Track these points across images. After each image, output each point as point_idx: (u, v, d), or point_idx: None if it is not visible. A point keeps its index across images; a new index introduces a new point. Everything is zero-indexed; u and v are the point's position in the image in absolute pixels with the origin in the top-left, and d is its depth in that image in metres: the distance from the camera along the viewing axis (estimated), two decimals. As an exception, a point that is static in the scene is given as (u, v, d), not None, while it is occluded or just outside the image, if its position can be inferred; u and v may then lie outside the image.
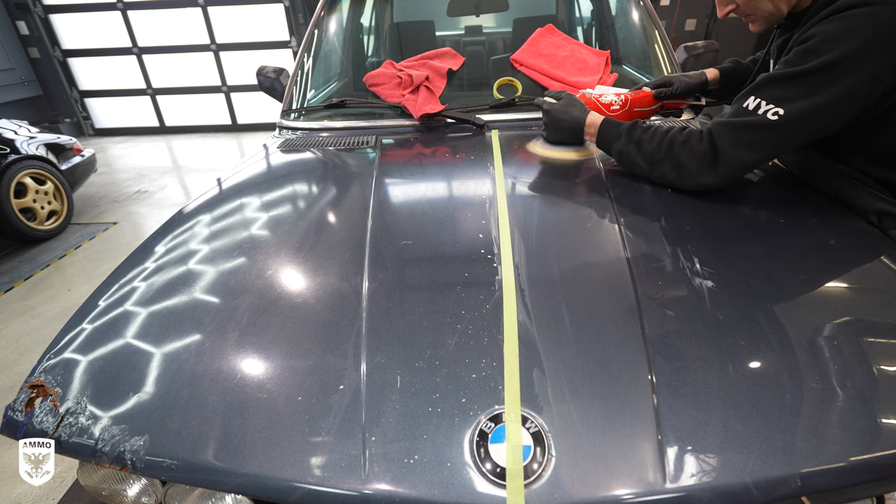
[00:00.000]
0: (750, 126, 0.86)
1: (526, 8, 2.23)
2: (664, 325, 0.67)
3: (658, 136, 0.97)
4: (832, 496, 0.56)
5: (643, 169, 1.00)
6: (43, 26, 5.90)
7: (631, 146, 1.00)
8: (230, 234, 0.97)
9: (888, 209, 0.89)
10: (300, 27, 5.81)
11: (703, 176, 0.92)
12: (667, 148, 0.95)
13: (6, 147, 3.19)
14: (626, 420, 0.56)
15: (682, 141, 0.94)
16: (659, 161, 0.96)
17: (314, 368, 0.65)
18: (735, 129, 0.88)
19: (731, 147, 0.88)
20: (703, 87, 1.25)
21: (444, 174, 1.18)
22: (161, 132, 6.55)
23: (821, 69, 0.79)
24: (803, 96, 0.81)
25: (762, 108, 0.84)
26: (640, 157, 0.99)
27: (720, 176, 0.91)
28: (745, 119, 0.87)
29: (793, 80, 0.82)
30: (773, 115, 0.83)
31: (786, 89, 0.83)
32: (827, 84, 0.79)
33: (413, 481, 0.53)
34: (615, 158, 1.06)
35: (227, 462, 0.56)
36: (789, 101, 0.82)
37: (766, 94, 0.85)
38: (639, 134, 1.00)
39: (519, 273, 0.77)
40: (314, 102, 1.68)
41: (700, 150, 0.91)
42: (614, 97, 1.19)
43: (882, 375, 0.59)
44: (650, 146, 0.97)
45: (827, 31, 0.80)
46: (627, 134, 1.01)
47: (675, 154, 0.94)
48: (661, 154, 0.96)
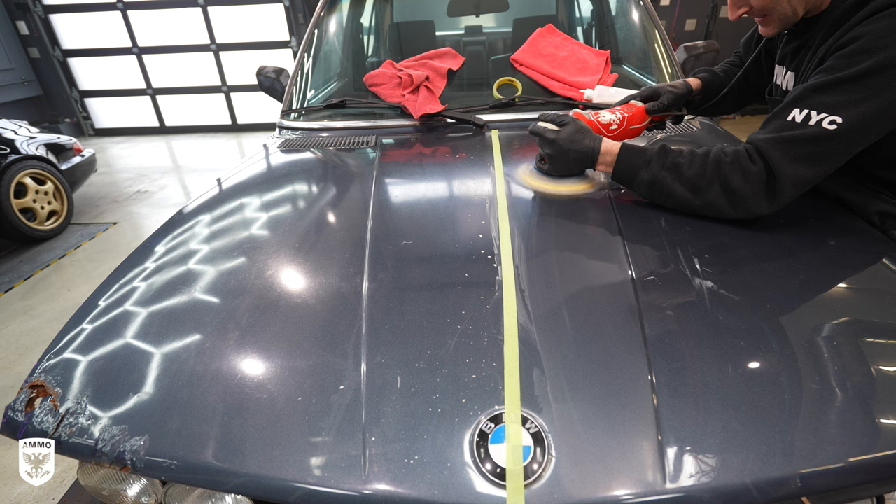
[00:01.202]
0: (805, 139, 0.78)
1: (526, 8, 2.23)
2: (664, 325, 0.67)
3: (699, 159, 0.86)
4: (832, 496, 0.56)
5: (682, 198, 0.87)
6: (43, 26, 5.90)
7: (664, 173, 0.88)
8: (230, 234, 0.97)
9: (890, 209, 0.88)
10: (300, 27, 5.81)
11: (759, 201, 0.82)
12: (713, 170, 0.84)
13: (6, 147, 3.19)
14: (626, 420, 0.56)
15: (730, 161, 0.83)
16: (705, 187, 0.85)
17: (314, 368, 0.65)
18: (787, 143, 0.79)
19: (787, 163, 0.79)
20: (688, 96, 1.20)
21: (444, 174, 1.18)
22: (161, 132, 6.55)
23: (877, 70, 0.74)
24: (862, 100, 0.75)
25: (814, 119, 0.77)
26: (678, 185, 0.87)
27: (779, 199, 0.82)
28: (796, 132, 0.79)
29: (846, 85, 0.76)
30: (831, 123, 0.76)
31: (840, 95, 0.76)
32: (886, 85, 0.74)
33: (413, 481, 0.53)
34: (642, 189, 0.92)
35: (227, 462, 0.56)
36: (846, 107, 0.75)
37: (817, 103, 0.78)
38: (673, 158, 0.88)
39: (519, 273, 0.77)
40: (314, 102, 1.68)
41: (754, 170, 0.82)
42: (612, 116, 1.11)
43: (882, 376, 0.59)
44: (691, 171, 0.86)
45: (875, 30, 0.75)
46: (659, 160, 0.89)
47: (725, 176, 0.83)
48: (706, 179, 0.85)
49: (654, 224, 0.89)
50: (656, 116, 1.18)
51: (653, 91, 1.17)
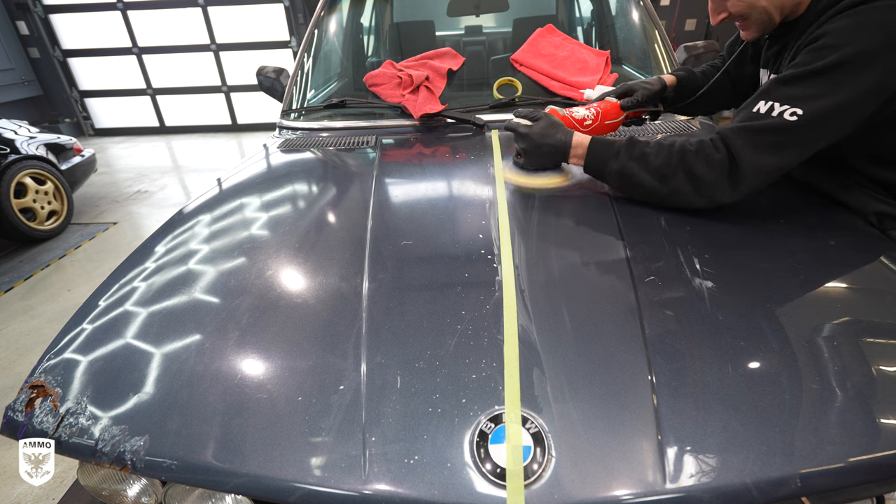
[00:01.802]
0: (767, 129, 0.81)
1: (526, 8, 2.23)
2: (664, 325, 0.67)
3: (665, 149, 0.89)
4: (832, 496, 0.56)
5: (650, 187, 0.90)
6: (43, 26, 5.90)
7: (632, 163, 0.91)
8: (230, 234, 0.97)
9: (888, 210, 0.88)
10: (300, 27, 5.81)
11: (722, 188, 0.85)
12: (678, 159, 0.87)
13: (6, 147, 3.19)
14: (626, 420, 0.56)
15: (694, 151, 0.86)
16: (670, 175, 0.88)
17: (314, 368, 0.65)
18: (750, 132, 0.82)
19: (750, 152, 0.82)
20: (663, 92, 1.22)
21: (444, 174, 1.18)
22: (161, 132, 6.56)
23: (836, 66, 0.76)
24: (822, 95, 0.77)
25: (777, 110, 0.80)
26: (645, 174, 0.90)
27: (741, 187, 0.84)
28: (759, 122, 0.81)
29: (808, 79, 0.79)
30: (791, 115, 0.78)
31: (801, 88, 0.79)
32: (844, 81, 0.76)
33: (413, 481, 0.53)
34: (611, 180, 0.96)
35: (227, 462, 0.56)
36: (807, 100, 0.78)
37: (780, 96, 0.81)
38: (640, 149, 0.91)
39: (519, 273, 0.77)
40: (314, 102, 1.68)
41: (717, 157, 0.84)
42: (586, 112, 1.13)
43: (882, 375, 0.59)
44: (657, 160, 0.88)
45: (839, 27, 0.77)
46: (627, 150, 0.92)
47: (689, 164, 0.86)
48: (671, 167, 0.87)
49: (654, 224, 0.89)
50: (632, 112, 1.20)
51: (627, 88, 1.20)
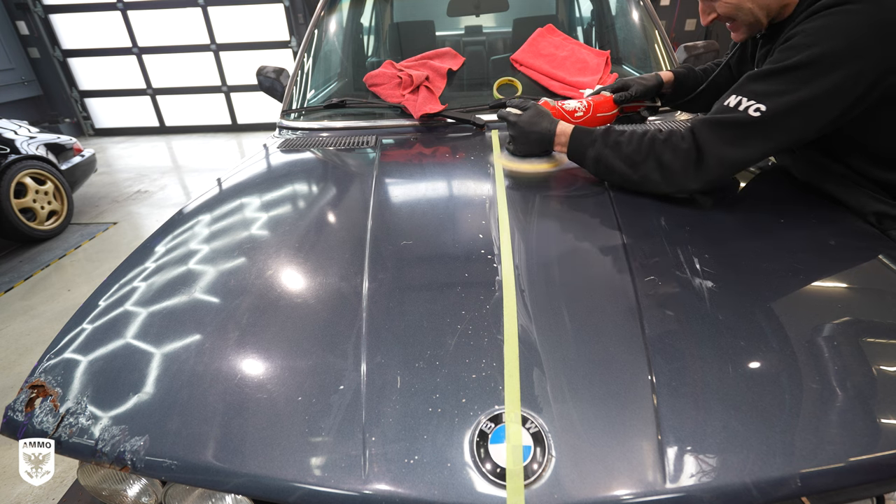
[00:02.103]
0: (732, 123, 0.84)
1: (526, 8, 2.23)
2: (664, 325, 0.67)
3: (637, 137, 0.94)
4: (832, 496, 0.56)
5: (622, 173, 0.95)
6: (43, 26, 5.90)
7: (607, 150, 0.96)
8: (230, 234, 0.97)
9: (887, 210, 0.88)
10: (300, 27, 5.81)
11: (688, 176, 0.89)
12: (648, 147, 0.92)
13: (6, 147, 3.19)
14: (626, 420, 0.56)
15: (663, 140, 0.91)
16: (640, 162, 0.93)
17: (314, 368, 0.65)
18: (717, 125, 0.86)
19: (714, 144, 0.86)
20: (659, 89, 1.26)
21: (444, 174, 1.18)
22: (161, 132, 6.55)
23: (801, 65, 0.79)
24: (785, 92, 0.80)
25: (743, 105, 0.83)
26: (618, 161, 0.95)
27: (706, 176, 0.88)
28: (726, 116, 0.85)
29: (773, 77, 0.82)
30: (755, 111, 0.82)
31: (767, 85, 0.82)
32: (808, 80, 0.79)
33: (413, 481, 0.53)
34: (590, 166, 1.01)
35: (227, 462, 0.56)
36: (771, 97, 0.81)
37: (748, 91, 0.84)
38: (615, 137, 0.97)
39: (519, 273, 0.77)
40: (314, 102, 1.68)
41: (684, 147, 0.89)
42: (577, 104, 1.18)
43: (882, 375, 0.59)
44: (629, 148, 0.94)
45: (807, 28, 0.80)
46: (603, 139, 0.98)
47: (658, 153, 0.91)
48: (642, 155, 0.92)
49: (654, 224, 0.89)
50: (627, 107, 1.24)
51: (623, 83, 1.24)
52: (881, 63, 0.76)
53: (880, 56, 0.76)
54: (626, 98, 1.21)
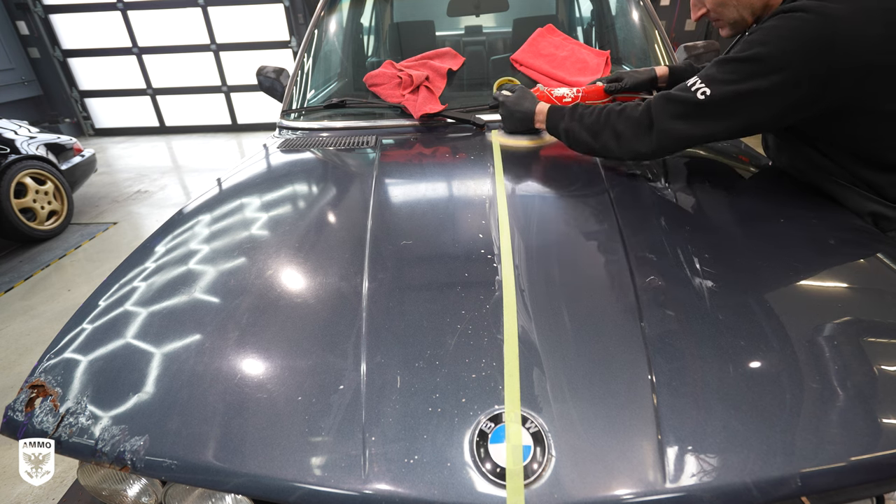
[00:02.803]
0: (681, 100, 0.90)
1: (526, 8, 2.23)
2: (664, 325, 0.67)
3: (597, 111, 1.05)
4: (832, 496, 0.56)
5: (587, 142, 1.05)
6: (43, 26, 5.90)
7: (574, 123, 1.07)
8: (230, 234, 0.97)
9: (882, 211, 0.89)
10: (300, 27, 5.81)
11: (638, 142, 0.97)
12: (605, 118, 1.01)
13: (6, 147, 3.19)
14: (626, 420, 0.56)
15: (618, 111, 1.00)
16: (599, 131, 1.02)
17: (314, 368, 0.65)
18: (669, 100, 0.92)
19: (664, 117, 0.93)
20: (653, 83, 1.33)
21: (444, 174, 1.18)
22: (161, 132, 6.55)
23: (748, 59, 0.83)
24: (729, 82, 0.85)
25: (696, 87, 0.89)
26: (583, 131, 1.05)
27: (654, 143, 0.95)
28: (680, 94, 0.91)
29: (725, 65, 0.86)
30: (702, 94, 0.87)
31: (719, 73, 0.87)
32: (751, 75, 0.83)
33: (413, 481, 0.53)
34: (563, 138, 1.12)
35: (227, 462, 0.56)
36: (716, 83, 0.86)
37: (703, 75, 0.89)
38: (580, 111, 1.08)
39: (519, 273, 0.77)
40: (314, 102, 1.68)
41: (635, 116, 0.97)
42: (567, 90, 1.29)
43: (882, 375, 0.59)
44: (590, 119, 1.04)
45: (766, 27, 0.83)
46: (570, 113, 1.09)
47: (613, 122, 1.00)
48: (600, 124, 1.02)
49: (653, 224, 0.89)
50: (622, 97, 1.29)
51: (617, 75, 1.34)
52: (818, 74, 0.78)
53: (817, 67, 0.78)
54: (616, 89, 1.29)
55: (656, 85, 1.34)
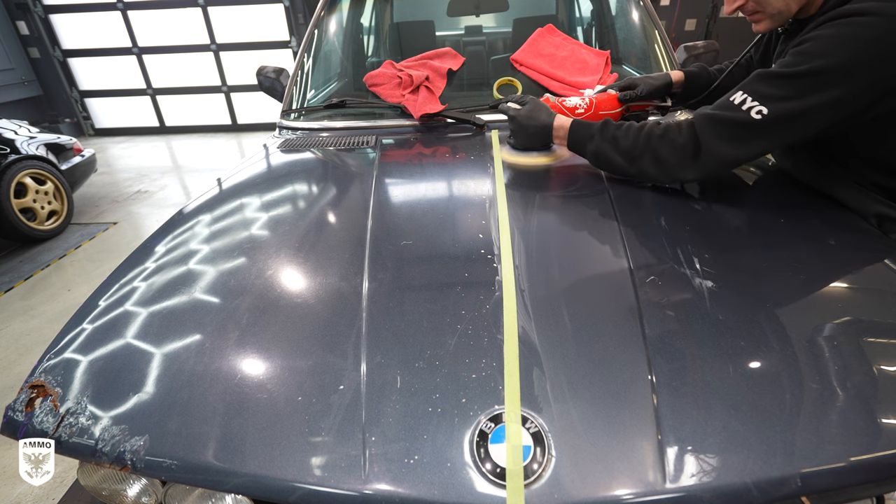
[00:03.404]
0: (733, 121, 0.85)
1: (526, 8, 2.23)
2: (664, 325, 0.67)
3: (633, 131, 0.96)
4: (832, 496, 0.56)
5: (620, 166, 0.98)
6: (43, 26, 5.90)
7: (605, 144, 0.98)
8: (230, 234, 0.97)
9: (888, 213, 0.88)
10: (300, 27, 5.81)
11: (683, 170, 0.91)
12: (644, 142, 0.94)
13: (6, 147, 3.19)
14: (626, 420, 0.56)
15: (659, 134, 0.93)
16: (637, 157, 0.95)
17: (314, 368, 0.65)
18: (718, 122, 0.87)
19: (713, 140, 0.87)
20: (668, 88, 1.24)
21: (444, 174, 1.18)
22: (161, 132, 6.55)
23: (809, 74, 0.78)
24: (789, 98, 0.80)
25: (747, 105, 0.83)
26: (616, 155, 0.97)
27: (700, 170, 0.90)
28: (728, 113, 0.85)
29: (781, 80, 0.81)
30: (757, 113, 0.82)
31: (773, 88, 0.82)
32: (814, 89, 0.78)
33: (413, 481, 0.53)
34: (590, 159, 1.03)
35: (227, 462, 0.56)
36: (774, 100, 0.81)
37: (753, 91, 0.84)
38: (612, 131, 0.98)
39: (519, 273, 0.77)
40: (314, 102, 1.68)
41: (680, 142, 0.90)
42: (579, 101, 1.18)
43: (882, 375, 0.59)
44: (626, 142, 0.96)
45: (821, 36, 0.79)
46: (600, 133, 0.99)
47: (654, 148, 0.93)
48: (639, 149, 0.94)
49: (654, 224, 0.89)
50: (635, 106, 1.23)
51: (630, 82, 1.23)
52: (882, 82, 0.76)
53: (881, 76, 0.75)
54: (631, 97, 1.19)
55: (671, 91, 1.26)
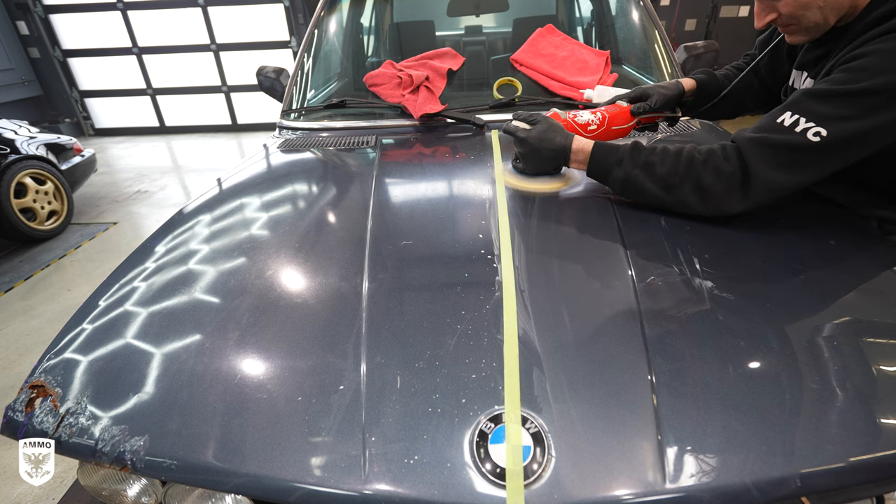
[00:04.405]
0: (785, 145, 0.77)
1: (526, 8, 2.23)
2: (664, 325, 0.67)
3: (671, 157, 0.86)
4: (832, 496, 0.56)
5: (654, 196, 0.88)
6: (43, 26, 5.90)
7: (637, 171, 0.88)
8: (230, 234, 0.97)
9: (889, 215, 0.88)
10: (300, 27, 5.81)
11: (730, 200, 0.82)
12: (685, 168, 0.84)
13: (6, 147, 3.19)
14: (626, 420, 0.56)
15: (702, 160, 0.83)
16: (676, 185, 0.85)
17: (314, 368, 0.65)
18: (769, 147, 0.78)
19: (764, 167, 0.78)
20: (680, 97, 1.15)
21: (444, 174, 1.18)
22: (161, 132, 6.55)
23: (872, 91, 0.72)
24: (851, 118, 0.73)
25: (801, 126, 0.76)
26: (650, 183, 0.87)
27: (750, 200, 0.81)
28: (780, 137, 0.77)
29: (839, 99, 0.74)
30: (815, 135, 0.74)
31: (830, 108, 0.74)
32: (878, 108, 0.72)
33: (413, 481, 0.53)
34: (615, 187, 0.93)
35: (227, 462, 0.56)
36: (833, 121, 0.74)
37: (807, 111, 0.76)
38: (645, 156, 0.88)
39: (519, 273, 0.77)
40: (314, 102, 1.68)
41: (727, 169, 0.81)
42: (591, 116, 1.08)
43: (882, 375, 0.59)
44: (663, 169, 0.86)
45: (880, 50, 0.73)
46: (631, 157, 0.89)
47: (697, 175, 0.83)
48: (678, 177, 0.84)
49: (654, 224, 0.89)
50: (647, 118, 1.14)
51: (641, 92, 1.13)
52: None
53: None
54: (644, 109, 1.10)
55: (682, 100, 1.17)
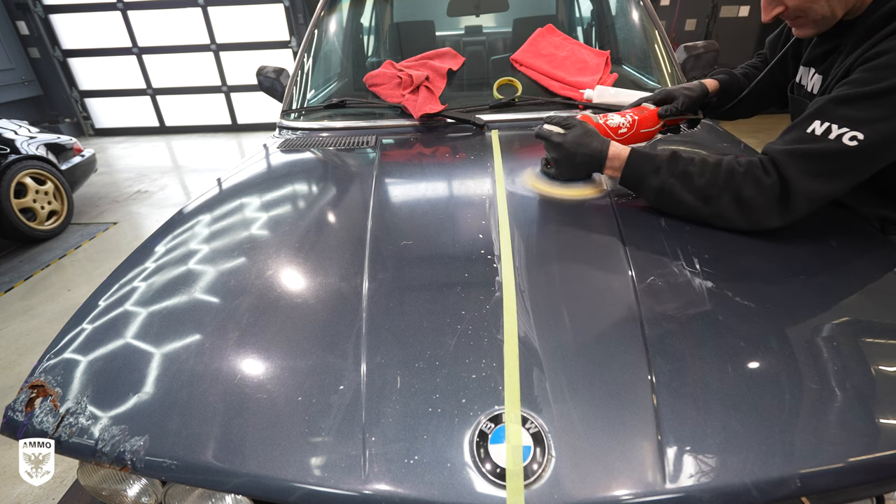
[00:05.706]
0: (821, 153, 0.76)
1: (526, 8, 2.23)
2: (664, 326, 0.67)
3: (710, 167, 0.84)
4: (832, 496, 0.56)
5: (691, 207, 0.85)
6: (43, 26, 5.90)
7: (673, 180, 0.86)
8: (230, 234, 0.97)
9: (890, 215, 0.88)
10: (300, 27, 5.81)
11: (770, 213, 0.81)
12: (725, 179, 0.82)
13: (6, 147, 3.19)
14: (626, 420, 0.56)
15: (743, 172, 0.82)
16: (715, 196, 0.83)
17: (314, 369, 0.65)
18: (804, 157, 0.77)
19: (803, 178, 0.77)
20: (703, 98, 1.16)
21: (444, 174, 1.18)
22: (161, 132, 6.55)
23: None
24: (886, 117, 0.72)
25: (835, 133, 0.74)
26: (687, 193, 0.85)
27: (790, 213, 0.80)
28: (815, 146, 0.76)
29: (868, 101, 0.73)
30: (851, 139, 0.73)
31: (863, 111, 0.73)
32: None
33: (413, 481, 0.53)
34: (650, 197, 0.91)
35: (227, 462, 0.56)
36: (869, 123, 0.72)
37: (838, 117, 0.75)
38: (684, 166, 0.86)
39: (519, 273, 0.77)
40: (314, 102, 1.68)
41: (767, 182, 0.80)
42: (621, 119, 1.07)
43: (882, 375, 0.59)
44: (702, 179, 0.84)
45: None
46: (668, 166, 0.87)
47: (737, 186, 0.81)
48: (717, 188, 0.83)
49: (654, 224, 0.89)
50: (670, 120, 1.14)
51: (667, 93, 1.12)
52: None
53: None
54: (672, 111, 1.09)
55: (706, 100, 1.17)
